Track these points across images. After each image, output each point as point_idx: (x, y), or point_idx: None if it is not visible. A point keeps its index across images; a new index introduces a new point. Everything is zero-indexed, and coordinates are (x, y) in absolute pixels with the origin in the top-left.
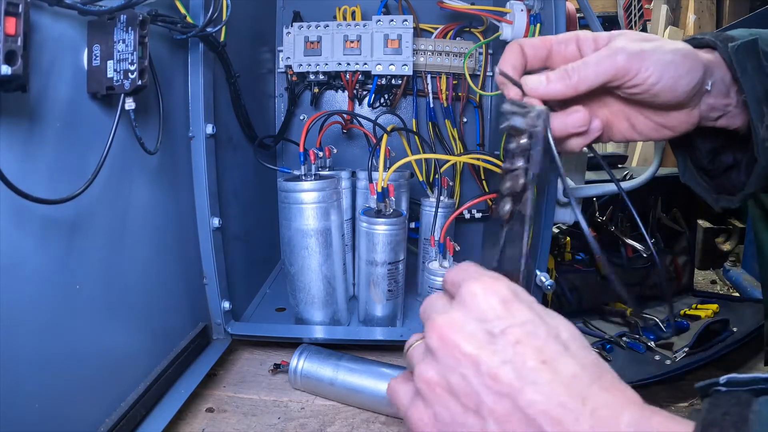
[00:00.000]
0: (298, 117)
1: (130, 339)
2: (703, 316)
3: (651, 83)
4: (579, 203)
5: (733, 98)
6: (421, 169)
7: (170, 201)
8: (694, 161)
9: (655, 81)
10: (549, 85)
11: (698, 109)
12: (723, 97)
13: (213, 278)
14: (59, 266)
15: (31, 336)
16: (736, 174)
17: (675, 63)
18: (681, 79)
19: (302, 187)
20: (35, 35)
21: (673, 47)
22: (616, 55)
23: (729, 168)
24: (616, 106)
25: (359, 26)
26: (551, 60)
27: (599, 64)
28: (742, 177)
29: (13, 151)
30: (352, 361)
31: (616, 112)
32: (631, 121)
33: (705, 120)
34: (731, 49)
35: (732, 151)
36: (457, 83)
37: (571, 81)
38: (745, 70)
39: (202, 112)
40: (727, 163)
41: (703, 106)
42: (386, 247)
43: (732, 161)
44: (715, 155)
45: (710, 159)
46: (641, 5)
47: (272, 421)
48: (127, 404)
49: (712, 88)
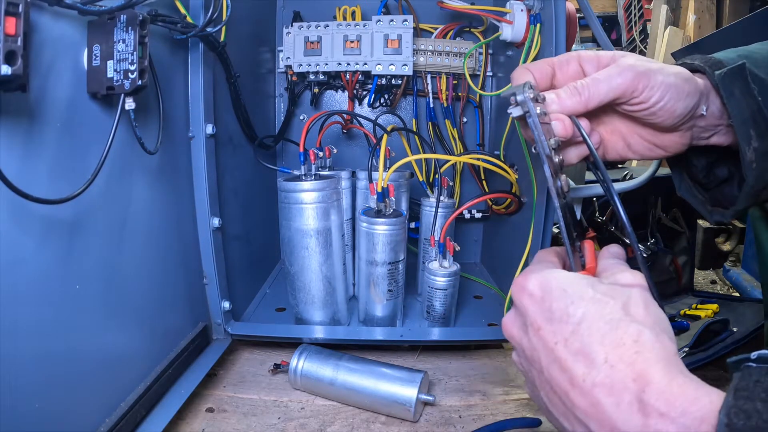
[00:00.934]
0: (298, 117)
1: (130, 339)
2: (703, 316)
3: (654, 102)
4: (578, 203)
5: (725, 119)
6: (421, 169)
7: (170, 201)
8: (689, 175)
9: (658, 100)
10: (561, 101)
11: (690, 132)
12: (716, 118)
13: (213, 278)
14: (59, 266)
15: (31, 336)
16: (730, 188)
17: (677, 86)
18: (680, 102)
19: (302, 187)
20: (35, 35)
21: (675, 71)
22: (626, 72)
23: (723, 181)
24: (613, 125)
25: (359, 26)
26: (555, 79)
27: (610, 80)
28: (735, 191)
29: (13, 151)
30: (352, 361)
31: (613, 131)
32: (626, 140)
33: (697, 140)
34: (717, 78)
35: (726, 165)
36: (457, 83)
37: (582, 97)
38: (732, 95)
39: (202, 112)
40: (721, 176)
41: (695, 128)
42: (386, 247)
43: (727, 174)
44: (710, 169)
45: (705, 173)
46: (641, 5)
47: (272, 421)
48: (127, 404)
49: (707, 113)
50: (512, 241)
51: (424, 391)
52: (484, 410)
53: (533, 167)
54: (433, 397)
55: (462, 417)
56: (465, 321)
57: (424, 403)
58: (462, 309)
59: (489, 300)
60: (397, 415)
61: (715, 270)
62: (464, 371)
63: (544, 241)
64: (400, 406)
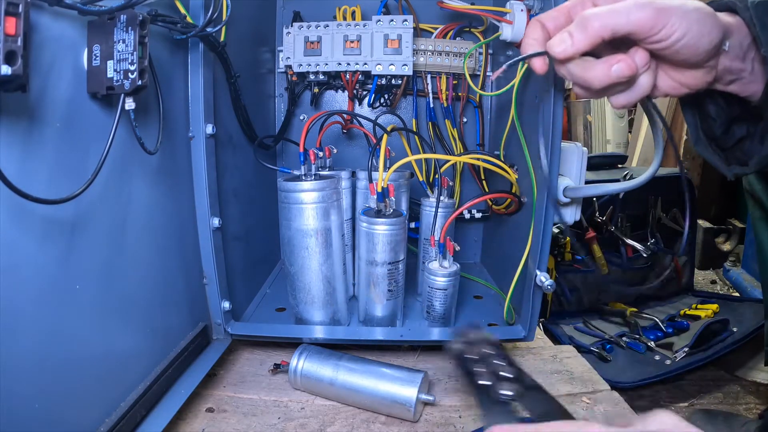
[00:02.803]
0: (298, 117)
1: (130, 339)
2: (703, 316)
3: (675, 39)
4: (578, 203)
5: (748, 64)
6: (421, 169)
7: (170, 201)
8: (705, 131)
9: (680, 37)
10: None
11: (715, 70)
12: (739, 60)
13: (213, 278)
14: (59, 266)
15: (31, 336)
16: (750, 144)
17: (699, 21)
18: (703, 37)
19: (302, 187)
20: (35, 35)
21: (696, 6)
22: (646, 7)
23: (741, 140)
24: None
25: (359, 26)
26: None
27: (629, 13)
28: (756, 145)
29: (13, 151)
30: (352, 361)
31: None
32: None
33: (719, 82)
34: (751, 5)
35: (745, 123)
36: (457, 83)
37: (593, 28)
38: (765, 26)
39: (202, 112)
40: (739, 135)
41: (720, 67)
42: (386, 247)
43: (745, 132)
44: (729, 126)
45: (724, 129)
46: None
47: (272, 421)
48: (127, 404)
49: (729, 50)
50: (512, 241)
51: (424, 391)
52: None
53: (533, 167)
54: (433, 397)
55: (462, 417)
56: (465, 321)
57: (424, 403)
58: (462, 309)
59: (489, 300)
60: (397, 415)
61: (715, 270)
62: None
63: (544, 241)
64: (400, 406)
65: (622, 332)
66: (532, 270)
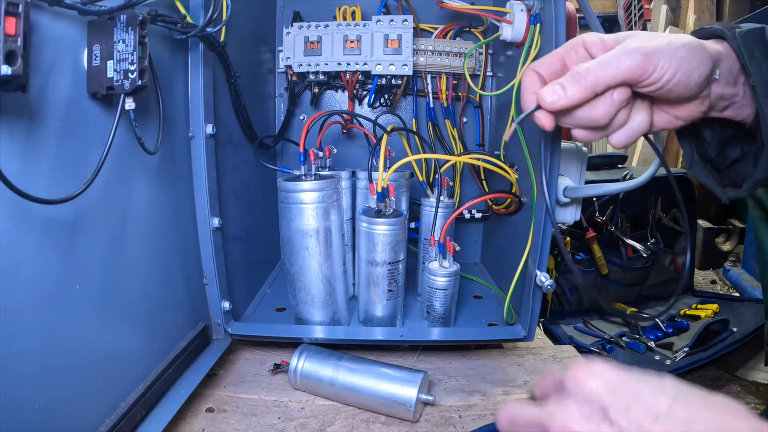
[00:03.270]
0: (298, 117)
1: (130, 339)
2: (703, 316)
3: (666, 80)
4: (578, 203)
5: (740, 88)
6: (421, 169)
7: (170, 201)
8: (700, 153)
9: (670, 77)
10: (567, 92)
11: (708, 99)
12: (730, 86)
13: (213, 278)
14: (59, 266)
15: (31, 336)
16: (744, 166)
17: (687, 58)
18: (693, 72)
19: (302, 187)
20: (35, 35)
21: (683, 42)
22: (633, 54)
23: (735, 161)
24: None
25: (359, 26)
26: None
27: (618, 63)
28: (750, 168)
29: (13, 151)
30: (352, 361)
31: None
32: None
33: (714, 110)
34: (738, 35)
35: (740, 145)
36: (457, 83)
37: (586, 82)
38: (753, 56)
39: (202, 112)
40: (733, 156)
41: (712, 95)
42: (386, 247)
43: (739, 154)
44: (723, 147)
45: (718, 152)
46: (641, 5)
47: (272, 421)
48: (127, 404)
49: (720, 77)
50: (512, 241)
51: (424, 391)
52: (484, 410)
53: (533, 167)
54: (433, 397)
55: (462, 417)
56: (465, 321)
57: (424, 403)
58: (462, 309)
59: (489, 300)
60: (397, 415)
61: (715, 270)
62: (464, 371)
63: (544, 241)
64: (400, 406)
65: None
66: (532, 270)
